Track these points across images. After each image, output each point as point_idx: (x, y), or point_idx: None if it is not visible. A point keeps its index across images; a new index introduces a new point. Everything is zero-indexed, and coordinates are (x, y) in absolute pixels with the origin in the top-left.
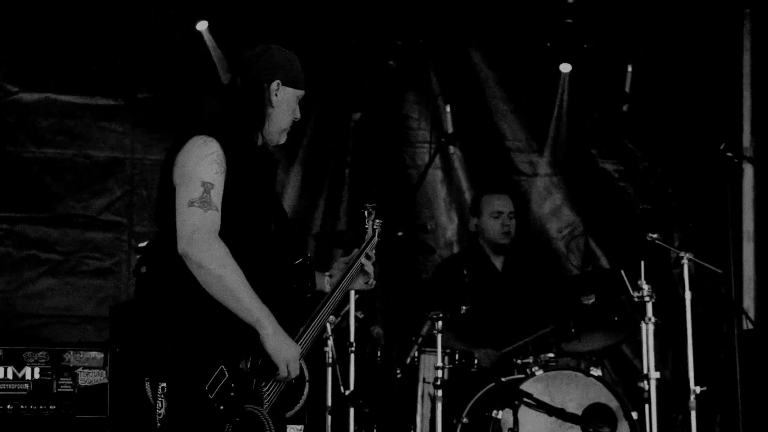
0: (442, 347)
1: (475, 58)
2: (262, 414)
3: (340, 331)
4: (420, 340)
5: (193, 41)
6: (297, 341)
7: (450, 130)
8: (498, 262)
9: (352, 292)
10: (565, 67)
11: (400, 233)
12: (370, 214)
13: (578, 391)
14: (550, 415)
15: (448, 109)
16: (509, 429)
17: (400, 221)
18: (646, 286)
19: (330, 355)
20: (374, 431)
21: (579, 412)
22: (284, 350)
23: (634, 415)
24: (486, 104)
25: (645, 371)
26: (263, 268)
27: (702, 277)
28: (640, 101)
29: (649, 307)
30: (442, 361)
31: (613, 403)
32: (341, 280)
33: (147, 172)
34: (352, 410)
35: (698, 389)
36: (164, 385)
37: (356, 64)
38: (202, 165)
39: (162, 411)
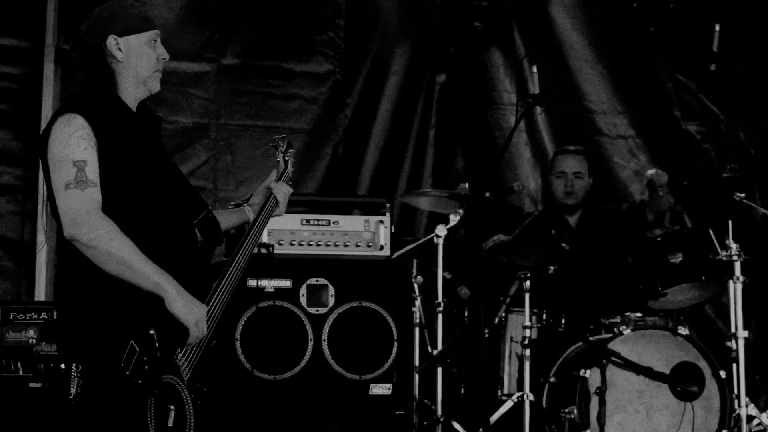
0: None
1: (560, 19)
2: (177, 383)
3: (428, 291)
4: (508, 299)
5: (280, 5)
6: (216, 291)
7: (537, 91)
8: (572, 220)
9: (440, 251)
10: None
11: (487, 194)
12: (278, 146)
13: (666, 350)
14: (638, 374)
15: (534, 69)
16: (597, 388)
17: (486, 182)
18: (734, 245)
19: (418, 315)
20: (462, 390)
21: (667, 371)
22: (192, 311)
23: (722, 374)
24: (569, 65)
25: (733, 330)
26: (159, 231)
27: None
28: (723, 62)
29: (737, 266)
30: (530, 320)
31: (701, 362)
32: (257, 217)
33: (232, 137)
34: (439, 369)
35: None
36: (77, 365)
37: (441, 26)
38: (71, 144)
39: (75, 390)
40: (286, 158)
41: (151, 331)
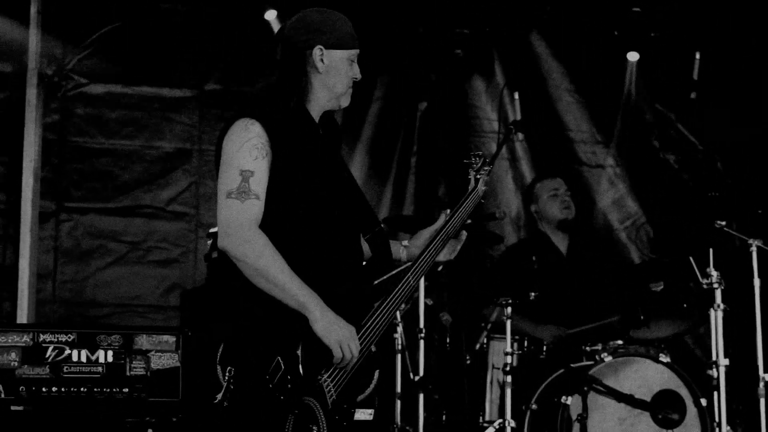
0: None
1: (540, 47)
2: (316, 407)
3: (410, 317)
4: (489, 326)
5: (262, 31)
6: (377, 311)
7: (518, 117)
8: (562, 246)
9: (422, 281)
10: (633, 56)
11: (468, 221)
12: (471, 164)
13: (647, 377)
14: (619, 401)
15: (516, 96)
16: (578, 415)
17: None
18: (714, 273)
19: (399, 342)
20: (443, 417)
21: (648, 399)
22: (334, 331)
23: (704, 401)
24: (549, 94)
25: (714, 358)
26: (323, 248)
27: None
28: (703, 91)
29: (718, 293)
30: (512, 347)
31: (682, 390)
32: (447, 221)
33: (214, 163)
34: (421, 396)
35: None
36: (231, 368)
37: (423, 54)
38: (242, 152)
39: (222, 395)
40: (478, 176)
41: (298, 352)
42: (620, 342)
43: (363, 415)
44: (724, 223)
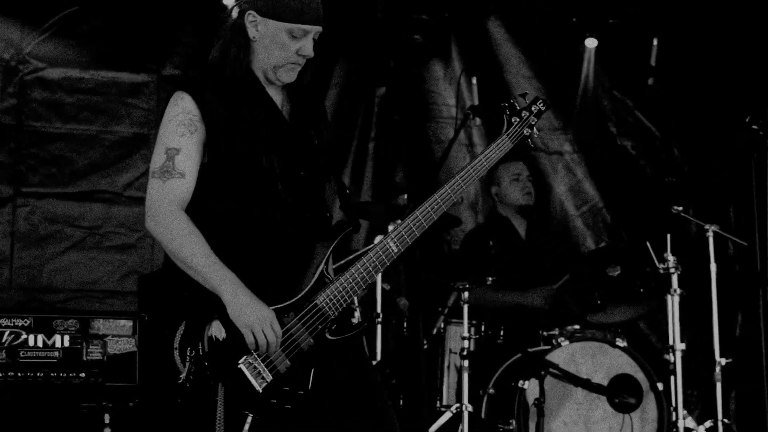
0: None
1: (498, 33)
2: (239, 391)
3: (367, 302)
4: (446, 310)
5: (219, 18)
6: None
7: (476, 102)
8: (521, 229)
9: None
10: (591, 42)
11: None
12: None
13: (604, 362)
14: (576, 385)
15: (474, 81)
16: (535, 399)
17: (425, 194)
18: (671, 258)
19: None
20: (400, 402)
21: (605, 383)
22: (245, 316)
23: (660, 386)
24: (507, 80)
25: (671, 342)
26: (266, 217)
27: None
28: (660, 78)
29: (675, 278)
30: (469, 331)
31: (639, 375)
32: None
33: None
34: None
35: (723, 361)
36: (192, 349)
37: (382, 39)
38: (169, 128)
39: (185, 375)
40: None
41: (208, 334)
42: (577, 327)
43: None
44: (681, 208)
